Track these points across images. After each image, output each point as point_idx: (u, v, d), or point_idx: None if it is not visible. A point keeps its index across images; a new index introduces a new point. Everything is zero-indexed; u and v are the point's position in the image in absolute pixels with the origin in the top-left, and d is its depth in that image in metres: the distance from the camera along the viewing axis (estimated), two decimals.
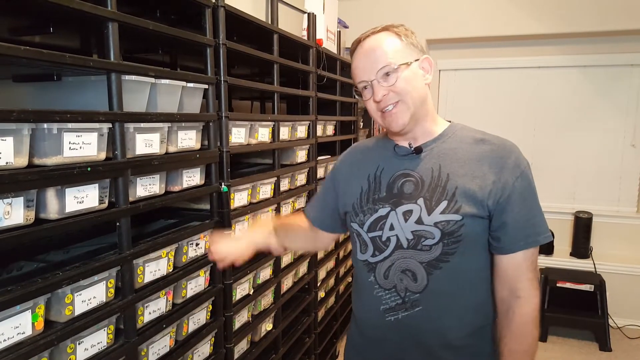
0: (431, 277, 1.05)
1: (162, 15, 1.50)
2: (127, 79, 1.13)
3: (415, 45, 1.08)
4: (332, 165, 1.31)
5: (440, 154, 1.09)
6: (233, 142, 1.62)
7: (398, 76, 1.04)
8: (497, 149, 1.06)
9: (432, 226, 1.03)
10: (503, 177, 1.03)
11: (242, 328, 1.75)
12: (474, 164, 1.05)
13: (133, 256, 1.16)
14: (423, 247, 1.04)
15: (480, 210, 1.02)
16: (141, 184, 1.21)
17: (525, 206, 1.04)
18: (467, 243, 1.03)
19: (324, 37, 2.51)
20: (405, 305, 1.07)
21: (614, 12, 3.28)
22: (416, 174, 1.09)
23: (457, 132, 1.12)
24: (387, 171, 1.13)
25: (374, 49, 1.06)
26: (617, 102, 3.58)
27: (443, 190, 1.04)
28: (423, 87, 1.08)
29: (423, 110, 1.09)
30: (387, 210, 1.09)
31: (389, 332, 1.11)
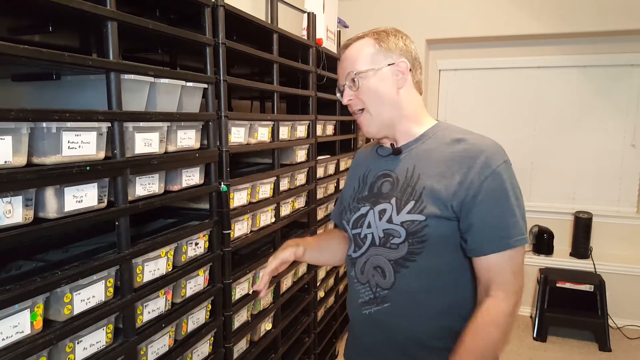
0: (398, 275, 1.07)
1: (162, 15, 1.50)
2: (126, 78, 1.13)
3: (392, 49, 1.09)
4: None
5: (417, 155, 1.11)
6: (232, 142, 1.61)
7: (361, 84, 1.09)
8: (469, 148, 1.05)
9: (399, 225, 1.05)
10: (469, 177, 1.01)
11: (241, 328, 1.75)
12: (445, 164, 1.05)
13: (132, 255, 1.16)
14: (391, 245, 1.07)
15: (445, 211, 1.02)
16: (140, 183, 1.20)
17: (495, 207, 1.01)
18: (433, 244, 1.04)
19: (323, 36, 2.51)
20: (376, 300, 1.11)
21: (614, 12, 3.28)
22: (394, 174, 1.12)
23: (438, 132, 1.12)
24: (372, 172, 1.19)
25: (346, 56, 1.13)
26: (617, 102, 3.58)
27: (412, 190, 1.06)
28: (393, 93, 1.10)
29: (397, 115, 1.11)
30: (367, 208, 1.14)
31: (366, 326, 1.16)
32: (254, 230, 1.82)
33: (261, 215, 1.86)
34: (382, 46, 1.09)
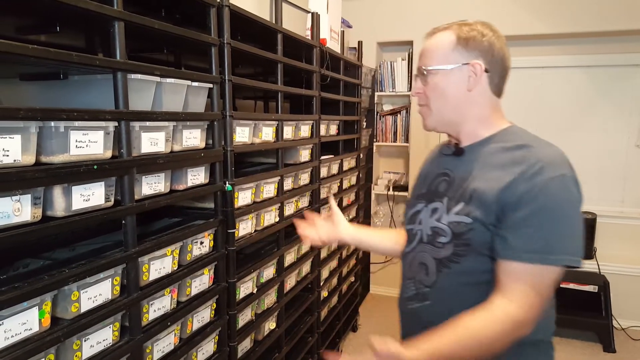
0: (440, 274, 1.06)
1: (167, 15, 1.51)
2: (133, 77, 1.13)
3: (470, 48, 1.04)
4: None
5: (478, 158, 1.07)
6: (237, 141, 1.62)
7: (429, 80, 1.07)
8: (528, 155, 0.99)
9: (446, 225, 1.04)
10: (520, 182, 0.96)
11: (245, 327, 1.75)
12: (500, 169, 1.01)
13: (138, 254, 1.17)
14: (437, 244, 1.06)
15: (489, 216, 0.98)
16: (146, 182, 1.21)
17: (533, 218, 0.94)
18: (476, 248, 1.00)
19: (327, 36, 2.51)
20: (418, 297, 1.10)
21: (617, 12, 3.27)
22: (452, 174, 1.10)
23: (505, 136, 1.07)
24: (433, 170, 1.18)
25: (425, 47, 1.10)
26: (621, 102, 3.57)
27: (464, 192, 1.04)
28: (461, 94, 1.06)
29: (459, 116, 1.08)
30: (422, 205, 1.14)
31: (408, 320, 1.16)
32: (258, 230, 1.83)
33: (265, 214, 1.87)
34: (460, 43, 1.05)
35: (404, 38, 3.85)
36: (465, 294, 1.04)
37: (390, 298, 4.09)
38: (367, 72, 3.71)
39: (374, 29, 3.89)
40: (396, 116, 4.04)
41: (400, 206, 4.16)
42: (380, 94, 4.05)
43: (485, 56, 1.04)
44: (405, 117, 4.00)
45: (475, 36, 1.04)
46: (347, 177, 3.09)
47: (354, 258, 3.38)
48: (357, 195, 3.37)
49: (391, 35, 3.89)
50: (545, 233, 0.94)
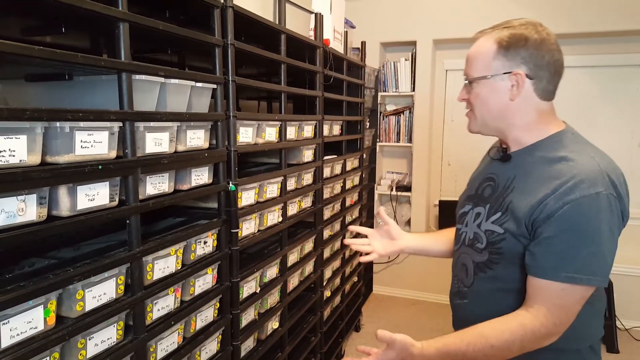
0: (476, 277, 1.11)
1: (171, 16, 1.52)
2: (138, 78, 1.14)
3: (512, 57, 1.02)
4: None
5: (521, 166, 1.07)
6: (241, 142, 1.63)
7: (472, 89, 1.09)
8: (564, 170, 0.98)
9: (483, 232, 1.08)
10: (550, 198, 0.95)
11: (248, 326, 1.76)
12: (537, 182, 1.00)
13: (142, 253, 1.17)
14: (476, 248, 1.11)
15: (520, 228, 0.99)
16: (151, 182, 1.22)
17: (563, 235, 0.94)
18: (508, 258, 1.03)
19: (331, 37, 2.52)
20: (459, 294, 1.18)
21: (620, 12, 3.26)
22: (497, 179, 1.13)
23: (550, 145, 1.05)
24: (482, 173, 1.21)
25: (470, 53, 1.12)
26: (624, 102, 3.56)
27: (502, 202, 1.06)
28: (503, 104, 1.05)
29: (503, 124, 1.08)
30: (469, 207, 1.18)
31: (454, 313, 1.24)
32: (261, 230, 1.83)
33: (268, 214, 1.88)
34: (500, 52, 1.03)
35: (407, 38, 3.85)
36: (498, 299, 1.08)
37: (393, 298, 4.09)
38: (370, 72, 3.71)
39: (377, 29, 3.89)
40: (399, 116, 4.04)
41: (404, 206, 4.16)
42: (384, 94, 4.05)
43: (529, 62, 1.02)
44: (408, 118, 4.00)
45: (516, 42, 1.02)
46: (350, 177, 3.09)
47: (357, 258, 3.38)
48: (360, 195, 3.37)
49: (394, 35, 3.89)
50: (573, 253, 0.94)
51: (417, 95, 3.90)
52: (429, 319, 3.62)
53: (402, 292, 4.13)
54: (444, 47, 3.95)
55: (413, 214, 4.04)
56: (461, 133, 4.02)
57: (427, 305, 3.91)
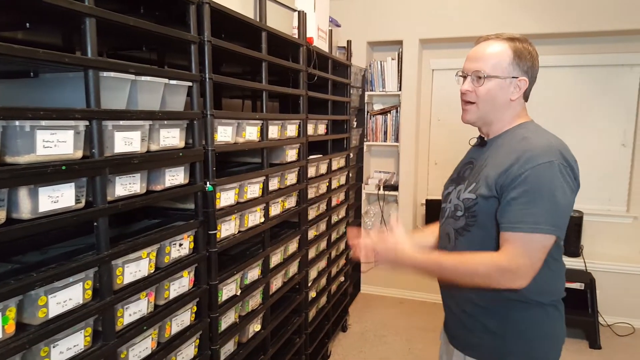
0: (457, 241, 1.29)
1: (146, 12, 1.48)
2: (106, 75, 1.10)
3: (521, 66, 1.24)
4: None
5: (495, 147, 1.29)
6: (219, 141, 1.59)
7: (483, 84, 1.24)
8: (524, 145, 1.20)
9: (461, 201, 1.27)
10: (514, 167, 1.17)
11: (228, 329, 1.72)
12: (503, 155, 1.22)
13: (111, 257, 1.13)
14: (455, 216, 1.29)
15: (490, 192, 1.20)
16: (121, 183, 1.18)
17: (523, 196, 1.15)
18: (482, 219, 1.22)
19: (314, 35, 2.49)
20: None
21: (608, 13, 3.27)
22: (475, 162, 1.34)
23: (517, 130, 1.28)
24: (464, 160, 1.43)
25: (484, 52, 1.26)
26: (610, 102, 3.57)
27: (477, 175, 1.26)
28: (505, 101, 1.26)
29: (497, 116, 1.29)
30: (452, 188, 1.37)
31: (441, 285, 1.39)
32: (242, 231, 1.80)
33: (249, 215, 1.84)
34: (515, 59, 1.24)
35: (393, 38, 3.83)
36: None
37: (381, 297, 4.07)
38: (356, 71, 3.68)
39: (363, 29, 3.87)
40: (386, 116, 4.02)
41: (391, 205, 4.14)
42: (371, 94, 4.03)
43: (528, 72, 1.26)
44: (395, 117, 3.98)
45: (526, 55, 1.24)
46: (337, 177, 3.06)
47: (344, 258, 3.36)
48: (347, 194, 3.34)
49: (381, 34, 3.87)
50: (533, 209, 1.14)
51: (403, 95, 3.88)
52: (417, 318, 3.61)
53: (390, 291, 4.11)
54: (430, 46, 3.93)
55: (400, 213, 4.02)
56: (448, 133, 4.01)
57: (415, 304, 3.90)
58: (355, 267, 4.12)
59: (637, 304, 3.43)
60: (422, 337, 3.32)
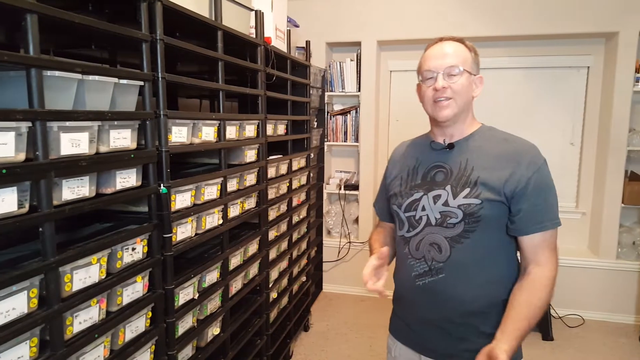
0: (453, 249, 1.25)
1: (95, 9, 1.43)
2: (50, 74, 1.06)
3: (478, 64, 1.33)
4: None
5: (469, 150, 1.30)
6: (173, 142, 1.56)
7: (459, 79, 1.26)
8: (517, 148, 1.26)
9: (456, 208, 1.24)
10: (519, 171, 1.21)
11: (186, 334, 1.69)
12: (495, 159, 1.25)
13: (58, 263, 1.09)
14: (448, 224, 1.25)
15: (497, 196, 1.21)
16: (68, 186, 1.14)
17: (540, 197, 1.21)
18: (485, 223, 1.22)
19: (272, 35, 2.48)
20: (431, 272, 1.28)
21: (554, 16, 3.41)
22: (447, 166, 1.31)
23: (485, 132, 1.33)
24: (424, 163, 1.36)
25: (453, 50, 1.28)
26: (557, 102, 3.73)
27: (467, 180, 1.25)
28: (470, 98, 1.31)
29: (464, 114, 1.31)
30: (420, 194, 1.32)
31: (418, 295, 1.32)
32: (199, 233, 1.77)
33: (207, 217, 1.81)
34: (475, 59, 1.31)
35: (352, 39, 3.86)
36: (475, 263, 1.25)
37: (343, 296, 4.10)
38: (316, 72, 3.69)
39: (322, 29, 3.88)
40: (346, 116, 4.05)
41: (352, 204, 4.17)
42: (331, 94, 4.05)
43: (479, 71, 1.34)
44: (355, 117, 4.02)
45: (478, 54, 1.33)
46: (297, 177, 3.06)
47: (305, 258, 3.36)
48: (308, 194, 3.35)
49: (340, 35, 3.89)
50: (549, 205, 1.23)
51: (362, 96, 3.92)
52: (378, 315, 3.65)
53: (352, 289, 4.15)
54: (387, 48, 3.99)
55: (360, 213, 4.06)
56: (406, 133, 4.05)
57: (376, 301, 3.94)
58: (317, 266, 4.13)
59: (586, 296, 3.59)
60: (383, 334, 3.35)
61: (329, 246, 4.17)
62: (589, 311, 3.61)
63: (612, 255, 3.55)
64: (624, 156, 3.42)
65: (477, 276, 1.25)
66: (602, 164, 3.57)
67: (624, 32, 3.31)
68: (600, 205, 3.57)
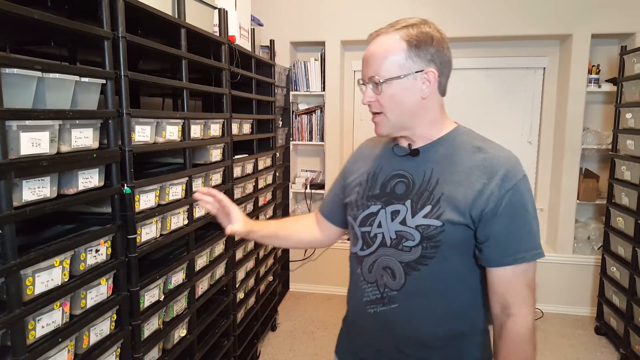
0: (409, 277, 1.05)
1: (54, 5, 1.39)
2: (8, 72, 1.03)
3: (422, 56, 1.02)
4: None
5: (435, 159, 1.07)
6: (137, 141, 1.53)
7: (382, 90, 1.03)
8: (490, 159, 1.03)
9: (413, 228, 1.03)
10: (490, 187, 0.99)
11: (152, 336, 1.67)
12: (464, 172, 1.03)
13: (19, 266, 1.06)
14: (404, 247, 1.05)
15: (462, 218, 1.00)
16: (28, 187, 1.10)
17: (514, 221, 1.00)
18: (447, 249, 1.02)
19: (237, 33, 2.47)
20: (383, 300, 1.09)
21: (512, 19, 3.54)
22: (409, 176, 1.09)
23: (457, 137, 1.09)
24: (384, 170, 1.13)
25: (374, 54, 1.04)
26: (515, 102, 3.88)
27: (430, 195, 1.04)
28: (416, 102, 1.04)
29: (414, 122, 1.07)
30: (378, 207, 1.10)
31: (369, 323, 1.14)
32: (164, 234, 1.74)
33: (172, 217, 1.79)
34: (412, 50, 1.02)
35: (316, 38, 3.88)
36: (434, 294, 1.06)
37: (309, 294, 4.12)
38: (281, 71, 3.70)
39: (286, 28, 3.89)
40: (311, 115, 4.07)
41: (318, 203, 4.19)
42: (296, 93, 4.06)
43: (436, 60, 1.04)
44: (320, 117, 4.05)
45: (425, 40, 1.02)
46: (263, 177, 3.05)
47: (272, 257, 3.36)
48: (274, 194, 3.35)
49: (304, 35, 3.91)
50: (523, 233, 1.01)
51: (327, 95, 3.95)
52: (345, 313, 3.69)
53: (319, 287, 4.17)
54: (351, 48, 4.03)
55: None
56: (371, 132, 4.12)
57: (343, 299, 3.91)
58: (284, 265, 4.13)
59: (545, 289, 3.70)
60: None
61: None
62: (547, 304, 3.73)
63: (569, 250, 3.70)
64: (578, 154, 3.58)
65: (435, 308, 1.07)
66: (558, 162, 3.73)
67: (577, 34, 3.47)
68: (557, 202, 3.72)
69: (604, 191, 3.63)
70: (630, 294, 2.87)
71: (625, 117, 3.01)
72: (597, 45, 3.60)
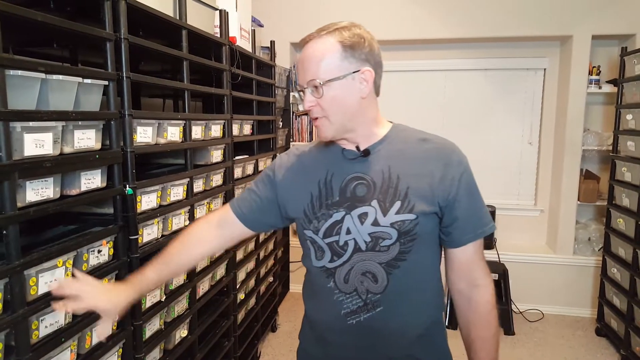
0: (391, 276, 1.06)
1: (57, 7, 1.40)
2: (12, 74, 1.03)
3: (357, 56, 1.03)
4: (270, 166, 1.24)
5: (388, 156, 1.09)
6: (139, 142, 1.54)
7: (323, 93, 1.02)
8: (439, 147, 1.09)
9: (388, 227, 1.04)
10: (449, 173, 1.05)
11: (153, 337, 1.67)
12: (420, 163, 1.07)
13: (23, 266, 1.06)
14: (381, 248, 1.05)
15: (432, 207, 1.05)
16: (32, 188, 1.11)
17: (471, 200, 1.08)
18: (421, 241, 1.05)
19: (237, 35, 2.47)
20: (367, 307, 1.08)
21: (511, 19, 3.55)
22: (367, 177, 1.08)
23: (400, 133, 1.13)
24: (337, 175, 1.11)
25: (310, 57, 1.04)
26: (516, 103, 3.89)
27: (395, 191, 1.05)
28: (356, 102, 1.05)
29: (358, 121, 1.08)
30: (342, 214, 1.08)
31: (350, 336, 1.10)
32: (165, 235, 1.75)
33: (173, 218, 1.80)
34: (347, 51, 1.02)
35: None
36: (414, 287, 1.09)
37: None
38: (281, 72, 3.70)
39: (286, 29, 3.90)
40: None
41: None
42: (296, 94, 4.06)
43: (370, 60, 1.05)
44: None
45: (358, 41, 1.04)
46: None
47: (272, 258, 3.36)
48: None
49: (303, 36, 3.91)
50: (477, 209, 1.10)
51: None
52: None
53: None
54: None
55: None
56: None
57: None
58: (284, 266, 4.14)
59: (545, 291, 3.72)
60: None
61: (295, 246, 4.19)
62: (548, 306, 3.73)
63: (569, 251, 3.69)
64: (579, 155, 3.58)
65: (418, 302, 1.10)
66: (558, 163, 3.73)
67: (578, 36, 3.48)
68: (558, 203, 3.72)
69: (604, 192, 3.64)
70: (630, 295, 2.87)
71: (625, 118, 3.02)
72: (597, 47, 3.61)
